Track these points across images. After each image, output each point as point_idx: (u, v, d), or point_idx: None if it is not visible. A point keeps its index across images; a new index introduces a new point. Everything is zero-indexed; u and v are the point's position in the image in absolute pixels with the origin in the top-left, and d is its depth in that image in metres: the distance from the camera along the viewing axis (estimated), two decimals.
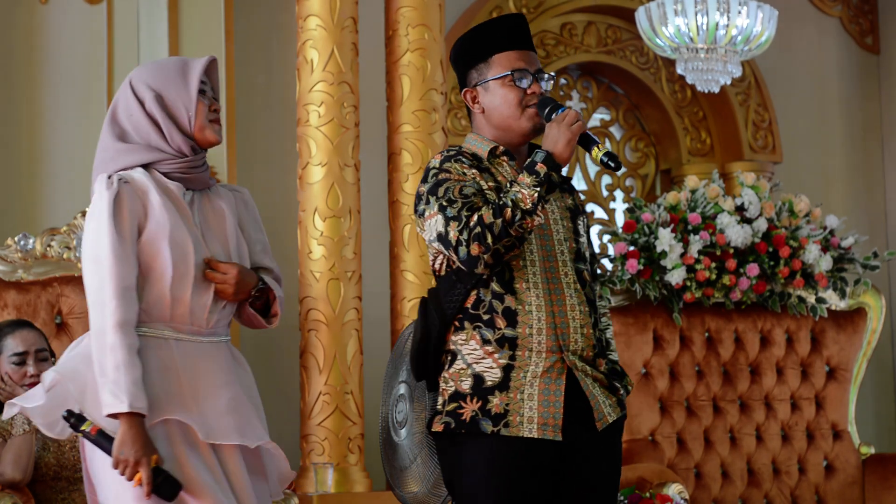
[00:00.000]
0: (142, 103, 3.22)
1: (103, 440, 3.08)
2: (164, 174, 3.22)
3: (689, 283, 5.76)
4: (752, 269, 5.81)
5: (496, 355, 3.16)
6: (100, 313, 3.09)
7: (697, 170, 6.99)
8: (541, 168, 3.10)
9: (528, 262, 3.18)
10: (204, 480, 3.11)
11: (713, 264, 5.76)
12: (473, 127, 3.35)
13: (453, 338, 3.21)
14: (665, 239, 5.70)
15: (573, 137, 3.15)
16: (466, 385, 3.17)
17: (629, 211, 5.86)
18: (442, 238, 3.13)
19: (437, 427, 3.20)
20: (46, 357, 4.47)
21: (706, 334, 5.94)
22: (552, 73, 3.34)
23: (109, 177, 3.17)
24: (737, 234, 5.78)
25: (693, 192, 5.89)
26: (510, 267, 3.17)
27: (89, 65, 5.49)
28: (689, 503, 5.33)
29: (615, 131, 7.26)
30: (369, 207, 5.77)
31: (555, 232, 3.25)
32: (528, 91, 3.26)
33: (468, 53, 3.32)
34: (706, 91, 6.03)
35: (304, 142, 5.44)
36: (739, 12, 5.78)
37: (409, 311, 5.45)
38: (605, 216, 7.16)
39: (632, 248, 5.75)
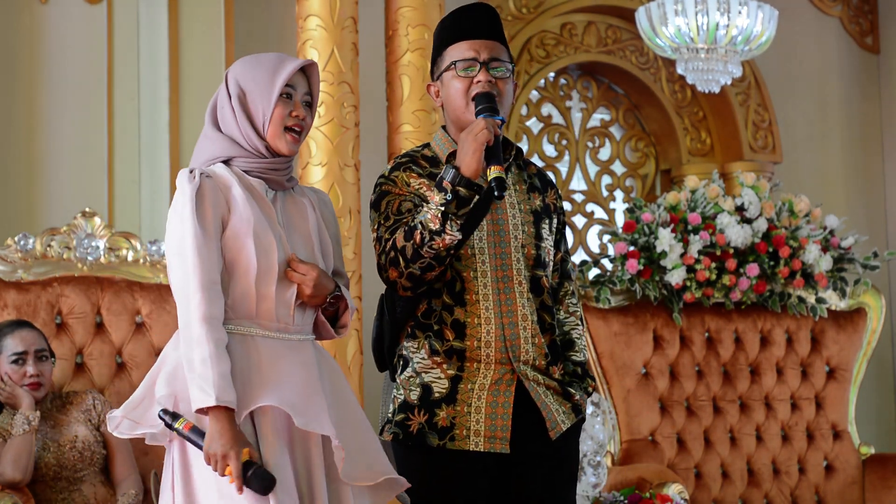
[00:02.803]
0: (230, 97, 3.19)
1: (196, 436, 3.02)
2: (245, 171, 3.19)
3: (689, 283, 5.76)
4: (752, 269, 5.81)
5: (444, 366, 3.14)
6: (185, 308, 3.05)
7: (697, 170, 6.99)
8: (447, 185, 2.99)
9: (480, 273, 3.14)
10: (284, 478, 3.04)
11: (713, 264, 5.76)
12: (445, 120, 3.31)
13: (406, 343, 3.19)
14: (665, 239, 5.70)
15: (479, 148, 2.99)
16: (415, 395, 3.15)
17: (629, 211, 5.86)
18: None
19: (387, 437, 3.20)
20: (46, 357, 4.47)
21: (706, 334, 5.94)
22: (508, 62, 3.21)
23: (191, 171, 3.14)
24: (737, 234, 5.79)
25: (693, 192, 5.89)
26: (461, 278, 3.13)
27: (89, 65, 5.49)
28: (689, 503, 5.33)
29: (615, 131, 7.26)
30: (369, 207, 5.76)
31: (513, 238, 3.19)
32: (475, 80, 3.17)
33: (433, 48, 3.29)
34: (706, 91, 6.03)
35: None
36: (740, 12, 5.78)
37: None
38: (605, 216, 7.16)
39: (632, 248, 5.75)
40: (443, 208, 2.98)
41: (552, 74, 7.03)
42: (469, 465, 3.12)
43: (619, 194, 7.20)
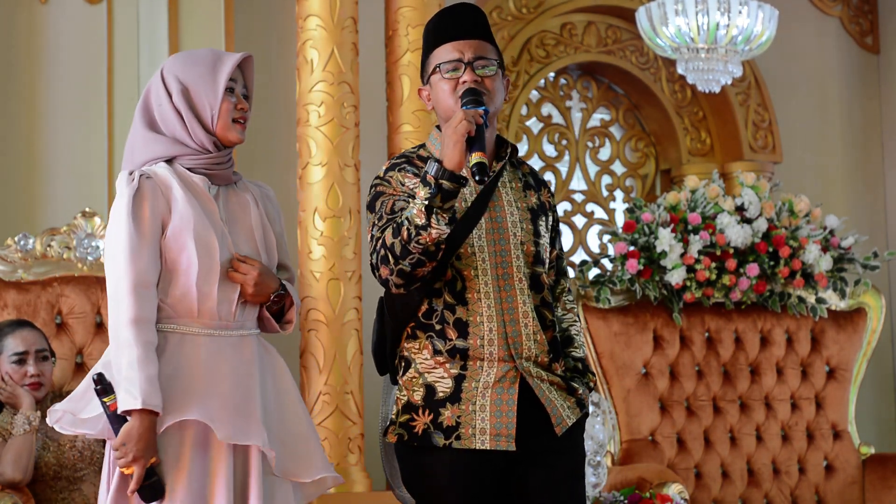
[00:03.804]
0: (170, 95, 3.21)
1: (116, 420, 3.06)
2: (189, 169, 3.21)
3: (689, 283, 5.76)
4: (752, 269, 5.81)
5: (447, 365, 3.14)
6: (116, 309, 3.08)
7: (697, 170, 6.99)
8: (430, 179, 2.99)
9: (480, 271, 3.15)
10: (186, 494, 3.10)
11: (713, 264, 5.76)
12: (439, 121, 3.32)
13: (406, 345, 3.20)
14: (665, 239, 5.70)
15: (459, 140, 2.99)
16: (418, 396, 3.16)
17: (629, 211, 5.86)
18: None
19: (391, 438, 3.20)
20: (46, 357, 4.47)
21: (706, 334, 5.94)
22: (494, 59, 3.21)
23: (131, 173, 3.16)
24: (737, 234, 5.78)
25: (693, 192, 5.89)
26: (462, 276, 3.14)
27: (89, 65, 5.49)
28: (689, 503, 5.33)
29: (615, 131, 7.26)
30: (366, 209, 5.76)
31: (511, 236, 3.20)
32: (461, 80, 3.18)
33: (422, 52, 3.30)
34: (706, 91, 6.03)
35: (304, 142, 5.44)
36: (740, 12, 5.78)
37: None
38: (605, 216, 7.16)
39: (632, 248, 5.75)
40: (427, 202, 2.98)
41: (552, 74, 7.03)
42: (476, 463, 3.12)
43: (619, 194, 7.20)
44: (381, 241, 3.06)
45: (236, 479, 3.17)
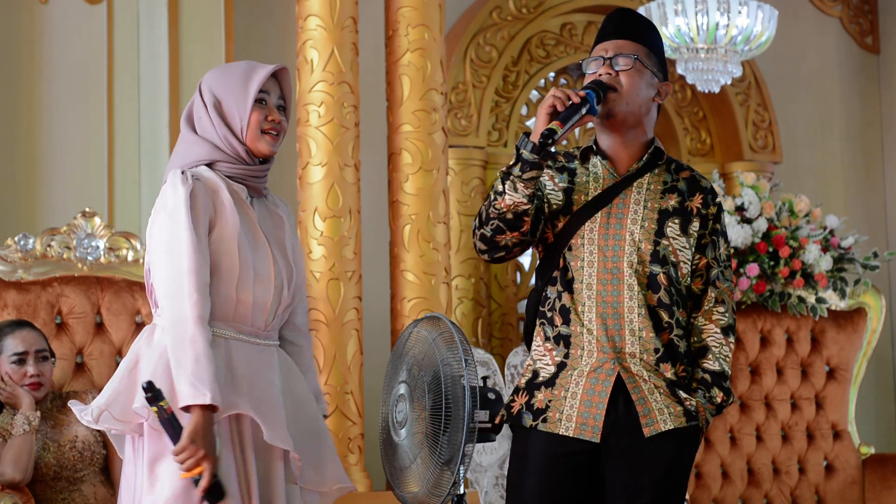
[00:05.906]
0: (205, 106, 3.25)
1: (175, 423, 3.03)
2: (228, 177, 3.24)
3: None
4: (752, 269, 5.81)
5: (553, 353, 3.19)
6: (177, 305, 3.08)
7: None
8: (515, 151, 3.14)
9: (587, 262, 3.18)
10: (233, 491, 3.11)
11: None
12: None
13: (533, 333, 3.27)
14: None
15: (542, 113, 3.11)
16: (524, 380, 3.23)
17: None
18: None
19: (497, 419, 3.29)
20: (46, 357, 4.47)
21: None
22: (634, 56, 3.25)
23: (183, 172, 3.18)
24: (737, 234, 5.78)
25: None
26: (570, 266, 3.19)
27: (89, 65, 5.49)
28: (690, 503, 5.33)
29: None
30: (369, 207, 5.77)
31: (629, 233, 3.20)
32: (598, 74, 3.25)
33: None
34: (706, 91, 6.03)
35: (304, 142, 5.44)
36: (740, 12, 5.78)
37: (409, 311, 5.45)
38: None
39: None
40: (505, 169, 3.12)
41: (552, 74, 7.02)
42: (558, 448, 3.13)
43: None
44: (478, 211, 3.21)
45: (258, 484, 3.18)
